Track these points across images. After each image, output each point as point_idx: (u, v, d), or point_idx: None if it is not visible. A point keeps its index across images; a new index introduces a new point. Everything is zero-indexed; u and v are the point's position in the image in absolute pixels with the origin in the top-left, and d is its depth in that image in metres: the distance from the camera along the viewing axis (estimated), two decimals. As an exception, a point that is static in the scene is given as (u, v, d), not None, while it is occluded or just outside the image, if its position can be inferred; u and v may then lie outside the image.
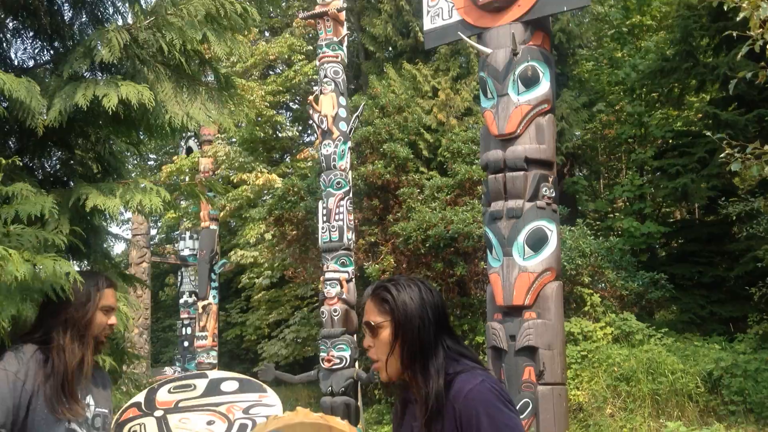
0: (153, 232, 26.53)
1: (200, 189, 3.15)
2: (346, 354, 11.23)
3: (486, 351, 8.83)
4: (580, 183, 16.33)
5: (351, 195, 12.24)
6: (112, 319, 2.27)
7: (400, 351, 1.84)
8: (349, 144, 11.97)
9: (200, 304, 16.50)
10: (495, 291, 8.25)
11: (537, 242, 8.10)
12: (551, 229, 8.16)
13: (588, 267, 11.15)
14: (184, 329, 17.68)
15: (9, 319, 2.01)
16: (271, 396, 2.39)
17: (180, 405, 2.35)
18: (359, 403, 10.07)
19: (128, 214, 19.86)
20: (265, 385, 2.44)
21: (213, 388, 2.41)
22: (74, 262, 2.87)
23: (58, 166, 3.06)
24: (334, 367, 11.15)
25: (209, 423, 2.28)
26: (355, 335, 11.64)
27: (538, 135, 8.25)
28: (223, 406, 2.34)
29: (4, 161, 2.19)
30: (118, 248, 31.65)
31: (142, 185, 2.69)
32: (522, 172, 8.14)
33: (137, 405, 2.37)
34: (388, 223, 13.34)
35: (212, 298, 16.58)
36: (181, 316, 18.01)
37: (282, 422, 1.77)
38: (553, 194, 8.34)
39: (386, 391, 13.20)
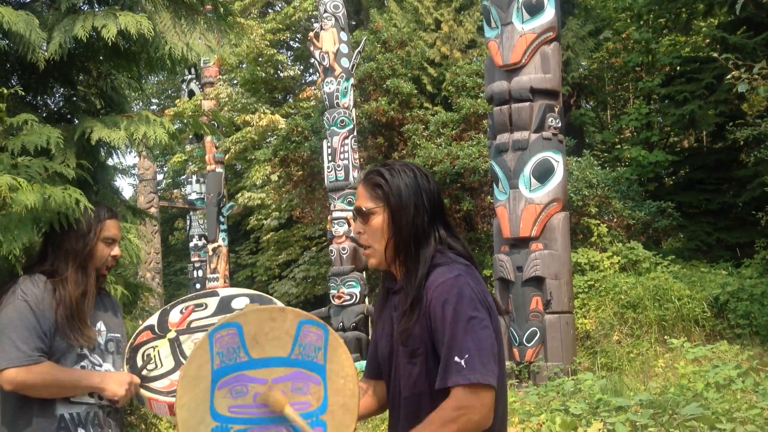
0: (159, 177, 26.58)
1: (205, 122, 3.15)
2: (356, 291, 11.41)
3: (494, 283, 8.96)
4: (587, 114, 16.14)
5: (355, 133, 12.18)
6: (115, 251, 2.26)
7: (393, 238, 1.75)
8: (352, 81, 11.85)
9: (210, 246, 16.66)
10: (502, 224, 8.31)
11: (543, 173, 8.11)
12: (557, 159, 8.15)
13: (595, 198, 11.14)
14: (195, 272, 17.89)
15: (21, 248, 2.04)
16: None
17: (192, 325, 2.33)
18: (370, 336, 10.20)
19: (134, 159, 19.85)
20: (275, 299, 2.42)
21: (224, 306, 2.39)
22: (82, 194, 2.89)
23: (61, 103, 3.04)
24: (345, 303, 11.36)
25: None
26: (364, 272, 11.79)
27: (543, 64, 8.15)
28: None
29: (6, 91, 2.19)
30: (126, 194, 31.80)
31: (146, 117, 2.68)
32: (527, 103, 8.09)
33: (150, 328, 2.35)
34: (394, 160, 13.31)
35: (222, 240, 16.73)
36: (192, 259, 18.20)
37: (232, 315, 1.74)
38: (560, 125, 8.29)
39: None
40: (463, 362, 1.59)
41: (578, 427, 3.12)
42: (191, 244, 18.30)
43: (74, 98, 3.03)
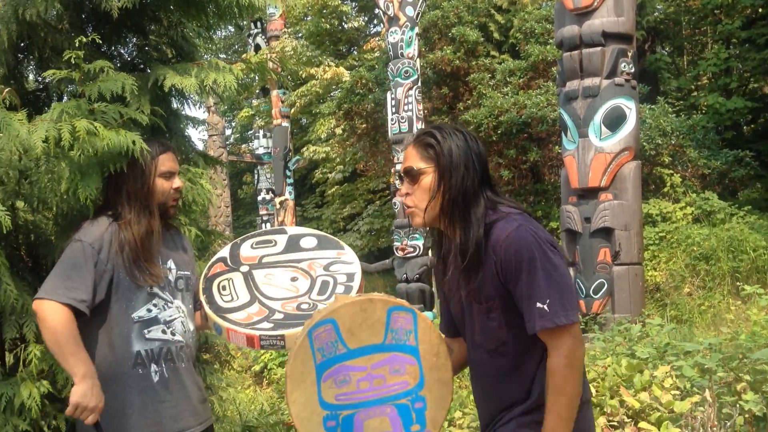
0: (228, 132, 27.09)
1: (272, 68, 3.17)
2: (419, 243, 11.45)
3: (560, 235, 8.84)
4: (663, 60, 15.45)
5: (419, 84, 12.04)
6: (176, 183, 2.26)
7: (442, 199, 1.79)
8: (417, 30, 11.64)
9: (277, 200, 16.97)
10: (570, 174, 8.14)
11: (614, 121, 7.86)
12: (630, 107, 7.87)
13: (668, 146, 10.73)
14: (263, 225, 18.28)
15: (95, 191, 2.09)
16: (349, 253, 2.40)
17: (263, 261, 2.39)
18: (433, 288, 10.33)
19: (204, 115, 20.25)
20: (342, 242, 2.46)
21: (293, 245, 2.44)
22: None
23: (134, 53, 3.11)
24: (408, 255, 11.42)
25: (293, 279, 2.32)
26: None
27: (616, 7, 7.82)
28: (305, 262, 2.37)
29: (84, 38, 2.25)
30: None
31: (216, 65, 2.73)
32: (599, 48, 7.81)
33: (223, 260, 2.41)
34: (458, 111, 13.13)
35: (288, 194, 17.00)
36: (260, 212, 18.60)
37: (326, 311, 1.83)
38: (633, 70, 7.98)
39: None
40: (546, 307, 1.66)
41: (645, 370, 3.09)
42: (259, 198, 18.68)
43: (146, 48, 3.09)
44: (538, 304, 1.67)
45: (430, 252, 11.62)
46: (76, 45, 2.20)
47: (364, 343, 1.82)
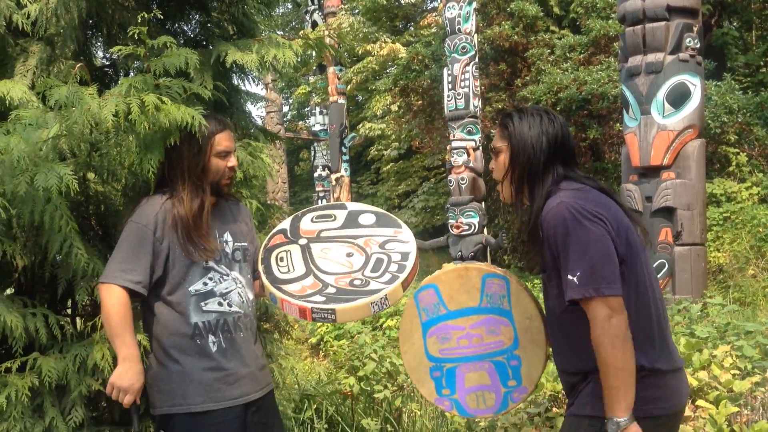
0: (285, 109, 27.38)
1: (330, 45, 3.19)
2: (475, 221, 11.39)
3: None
4: (730, 34, 14.82)
5: (477, 60, 11.88)
6: (231, 161, 2.28)
7: (513, 174, 1.98)
8: (474, 5, 11.48)
9: (333, 176, 17.10)
10: (631, 152, 7.96)
11: (678, 98, 7.62)
12: (695, 83, 7.61)
13: (734, 124, 10.33)
14: (319, 201, 18.47)
15: (156, 164, 2.15)
16: (406, 232, 2.43)
17: (322, 235, 2.44)
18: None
19: (262, 92, 20.49)
20: (400, 221, 2.48)
21: (352, 220, 2.48)
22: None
23: (197, 30, 3.18)
24: (463, 233, 11.38)
25: (348, 255, 2.35)
26: (483, 202, 11.71)
27: (682, -21, 7.55)
28: (361, 239, 2.41)
29: (147, 14, 2.31)
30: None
31: (276, 41, 2.77)
32: (663, 23, 7.57)
33: (283, 232, 2.46)
34: (516, 88, 12.92)
35: (344, 170, 17.11)
36: (316, 189, 18.78)
37: (428, 278, 2.10)
38: (698, 46, 7.70)
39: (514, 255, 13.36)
40: (575, 279, 1.77)
41: (704, 349, 3.04)
42: (315, 175, 18.86)
43: (209, 24, 3.16)
44: (569, 276, 1.78)
45: (485, 230, 11.56)
46: (139, 21, 2.26)
47: (462, 305, 2.05)
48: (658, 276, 7.66)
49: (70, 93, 2.06)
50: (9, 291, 2.42)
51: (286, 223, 2.52)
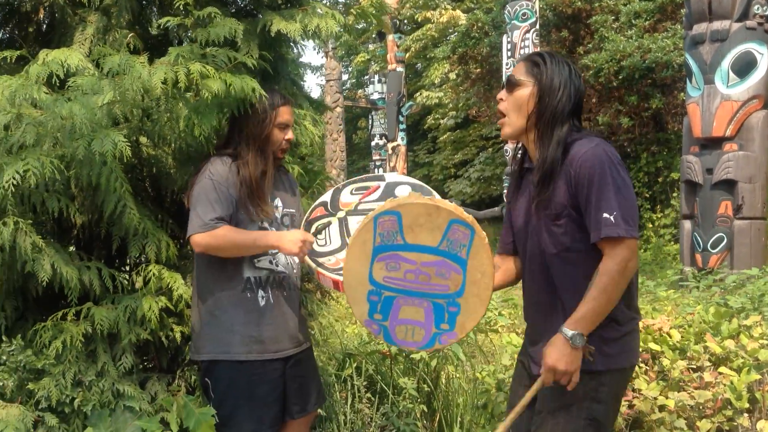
0: (345, 77, 27.46)
1: (377, 13, 3.24)
2: (532, 191, 11.28)
3: (680, 186, 8.45)
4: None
5: (537, 27, 11.67)
6: (289, 134, 2.44)
7: (534, 114, 1.95)
8: (536, -30, 11.25)
9: (390, 145, 17.18)
10: (693, 122, 7.75)
11: (744, 67, 7.36)
12: (762, 52, 7.33)
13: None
14: (376, 170, 18.56)
15: (209, 129, 2.27)
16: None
17: (359, 207, 2.51)
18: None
19: (321, 60, 20.61)
20: (434, 191, 2.50)
21: (389, 192, 2.52)
22: (265, 85, 3.15)
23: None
24: (519, 203, 11.31)
25: None
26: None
27: (753, -59, 7.22)
28: None
29: (196, -14, 2.41)
30: (314, 93, 33.36)
31: (319, 10, 2.83)
32: (731, -13, 7.28)
33: (324, 205, 2.55)
34: (578, 55, 12.63)
35: (401, 139, 17.16)
36: (373, 157, 18.87)
37: (395, 202, 2.00)
38: (767, 13, 7.38)
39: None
40: (612, 218, 1.80)
41: (735, 319, 3.01)
42: (372, 143, 18.95)
43: (261, -7, 3.23)
44: (605, 215, 1.80)
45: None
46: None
47: (419, 242, 2.00)
48: (716, 250, 7.49)
49: (122, 61, 2.19)
50: (71, 248, 2.62)
51: (327, 196, 2.60)
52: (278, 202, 2.47)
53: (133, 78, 2.17)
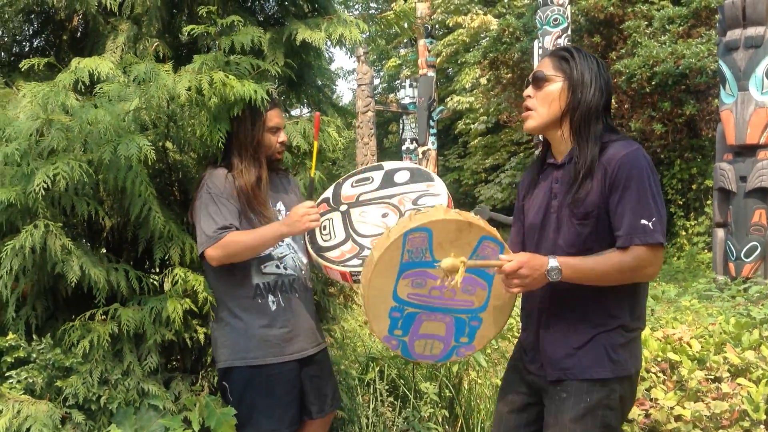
0: (376, 82, 27.57)
1: (400, 21, 3.27)
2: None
3: (713, 194, 8.32)
4: None
5: (569, 32, 11.59)
6: (281, 137, 2.45)
7: (568, 110, 1.92)
8: (568, -25, 11.17)
9: (420, 149, 17.20)
10: (726, 129, 7.63)
11: (780, 73, 7.22)
12: (798, 57, 7.18)
13: None
14: (406, 174, 18.55)
15: (224, 134, 2.32)
16: (438, 184, 2.44)
17: (360, 199, 2.51)
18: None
19: (353, 65, 20.72)
20: (432, 174, 2.49)
21: (388, 180, 2.53)
22: (292, 93, 3.20)
23: (275, 8, 3.33)
24: (549, 209, 11.22)
25: (384, 215, 2.41)
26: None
27: (789, -54, 7.09)
28: (395, 197, 2.45)
29: (223, -6, 2.47)
30: (345, 98, 33.50)
31: (344, 19, 2.88)
32: (766, -8, 7.17)
33: (327, 200, 2.57)
34: (611, 60, 12.50)
35: (431, 144, 17.16)
36: (404, 161, 18.90)
37: (425, 218, 1.93)
38: (805, 17, 7.24)
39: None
40: (650, 224, 1.79)
41: (756, 329, 2.96)
42: (403, 147, 18.99)
43: (285, 2, 3.29)
44: (643, 221, 1.79)
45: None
46: (206, 0, 2.43)
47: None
48: (750, 259, 7.36)
49: (147, 69, 2.27)
50: (103, 250, 2.70)
51: (329, 192, 2.62)
52: (280, 205, 2.51)
53: (159, 85, 2.24)
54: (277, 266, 2.42)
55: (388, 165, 2.64)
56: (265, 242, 2.31)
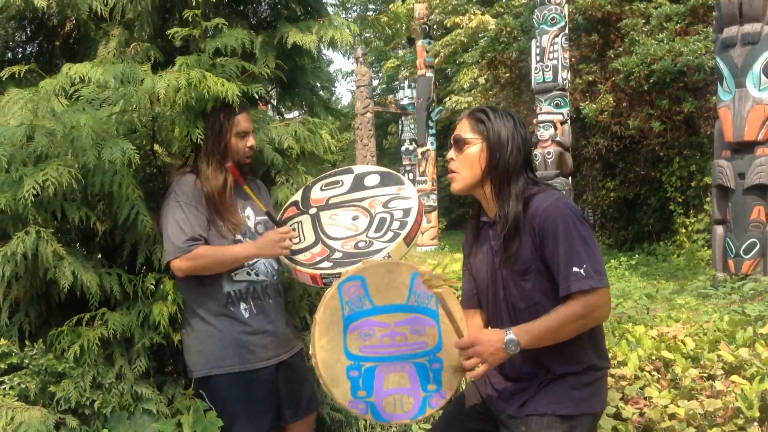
0: (375, 83, 27.57)
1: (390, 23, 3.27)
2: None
3: (711, 191, 8.31)
4: None
5: (567, 31, 11.58)
6: (250, 141, 2.42)
7: (487, 171, 1.96)
8: (565, -26, 11.17)
9: (419, 150, 17.18)
10: (724, 126, 7.62)
11: (777, 70, 7.22)
12: (795, 53, 7.18)
13: None
14: (406, 175, 18.58)
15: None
16: (408, 188, 2.44)
17: (330, 202, 2.50)
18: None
19: (352, 66, 20.73)
20: (403, 178, 2.50)
21: (358, 183, 2.52)
22: (285, 94, 3.20)
23: (267, 11, 3.34)
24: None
25: (354, 218, 2.40)
26: (569, 177, 11.48)
27: (784, -58, 7.09)
28: (366, 200, 2.44)
29: (213, -1, 2.48)
30: (345, 99, 33.51)
31: (335, 22, 2.89)
32: (762, -11, 7.16)
33: (295, 204, 2.56)
34: (608, 59, 12.50)
35: (430, 144, 17.14)
36: (403, 162, 18.89)
37: (355, 268, 1.94)
38: (801, 13, 7.24)
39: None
40: (582, 271, 1.80)
41: (750, 326, 2.96)
42: (403, 148, 18.98)
43: (278, 6, 3.30)
44: (575, 269, 1.80)
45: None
46: (193, 4, 2.43)
47: (389, 302, 1.94)
48: (749, 256, 7.35)
49: (125, 71, 2.26)
50: (98, 255, 2.70)
51: (297, 195, 2.60)
52: (249, 211, 2.47)
53: (137, 87, 2.24)
54: (248, 273, 2.40)
55: (358, 169, 2.63)
56: (234, 261, 2.31)
